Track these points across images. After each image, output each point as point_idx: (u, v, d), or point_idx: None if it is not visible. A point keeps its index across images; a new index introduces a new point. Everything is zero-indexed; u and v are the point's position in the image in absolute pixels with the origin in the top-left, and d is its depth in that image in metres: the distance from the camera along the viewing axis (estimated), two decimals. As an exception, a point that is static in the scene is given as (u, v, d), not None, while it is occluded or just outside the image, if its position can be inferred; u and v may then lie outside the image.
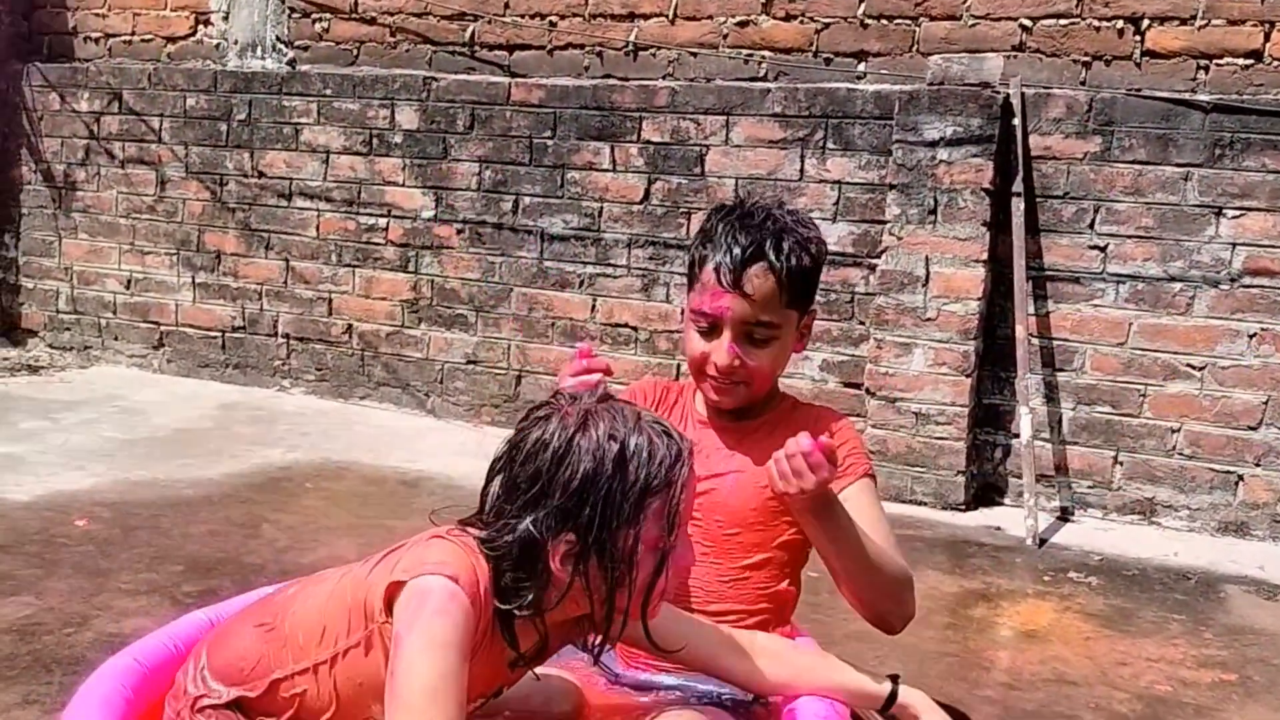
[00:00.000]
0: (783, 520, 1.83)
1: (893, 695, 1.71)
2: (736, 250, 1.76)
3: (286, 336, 5.02)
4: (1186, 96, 3.69)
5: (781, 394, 1.95)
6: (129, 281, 5.33)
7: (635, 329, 4.40)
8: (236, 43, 5.13)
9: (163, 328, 5.28)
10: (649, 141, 4.30)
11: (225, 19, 5.16)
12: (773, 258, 1.76)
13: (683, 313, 1.94)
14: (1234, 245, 3.65)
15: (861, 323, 4.07)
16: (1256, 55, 3.67)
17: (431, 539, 1.44)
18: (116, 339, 5.39)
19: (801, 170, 4.09)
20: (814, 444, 1.63)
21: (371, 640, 1.41)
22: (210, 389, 5.07)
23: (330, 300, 4.92)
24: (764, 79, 4.26)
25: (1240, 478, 3.69)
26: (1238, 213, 3.63)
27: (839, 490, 1.79)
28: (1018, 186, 3.77)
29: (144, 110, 5.19)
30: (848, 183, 4.04)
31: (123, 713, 1.63)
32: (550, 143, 4.46)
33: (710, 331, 1.81)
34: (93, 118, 5.30)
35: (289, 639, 1.48)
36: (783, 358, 1.86)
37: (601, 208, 4.40)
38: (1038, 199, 3.82)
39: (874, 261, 3.99)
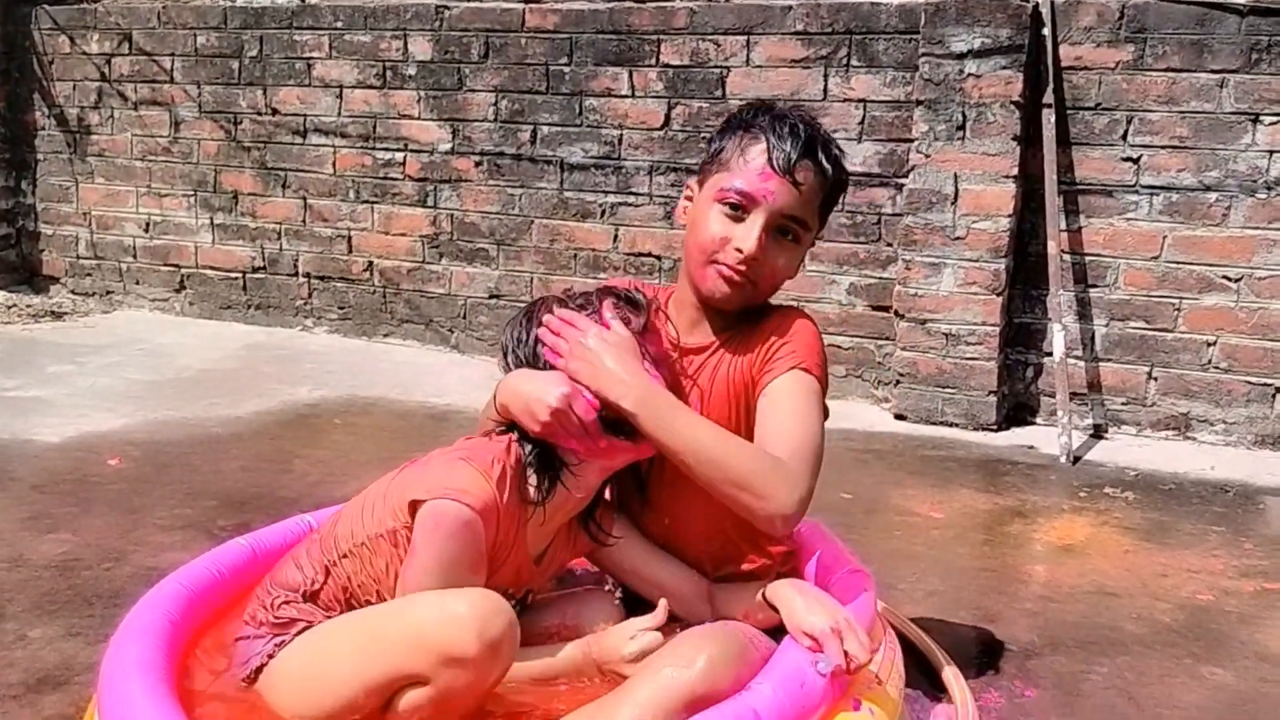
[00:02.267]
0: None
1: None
2: (792, 139, 1.69)
3: (307, 276, 4.99)
4: (1221, 0, 3.58)
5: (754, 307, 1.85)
6: (147, 225, 5.31)
7: (659, 258, 4.35)
8: (245, -22, 5.04)
9: (183, 270, 5.26)
10: (668, 65, 4.22)
11: (232, -46, 5.07)
12: (824, 157, 1.71)
13: (689, 199, 1.82)
14: (1271, 153, 3.56)
15: (889, 244, 4.01)
16: (1295, -46, 3.55)
17: (458, 459, 1.56)
18: (138, 283, 5.38)
19: (825, 89, 4.01)
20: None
21: (396, 536, 1.56)
22: (233, 330, 5.06)
23: (350, 238, 4.89)
24: (784, -4, 4.15)
25: (1277, 390, 3.64)
26: (1275, 119, 3.54)
27: (764, 385, 1.70)
28: (1048, 98, 3.68)
29: (155, 50, 5.12)
30: (873, 101, 3.95)
31: (169, 635, 1.63)
32: (567, 70, 4.38)
33: (739, 216, 1.71)
34: (103, 59, 5.24)
35: (337, 535, 1.63)
36: (793, 270, 1.78)
37: (621, 135, 4.33)
38: (1069, 111, 3.73)
39: (901, 181, 3.92)
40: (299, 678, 1.52)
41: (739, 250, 1.69)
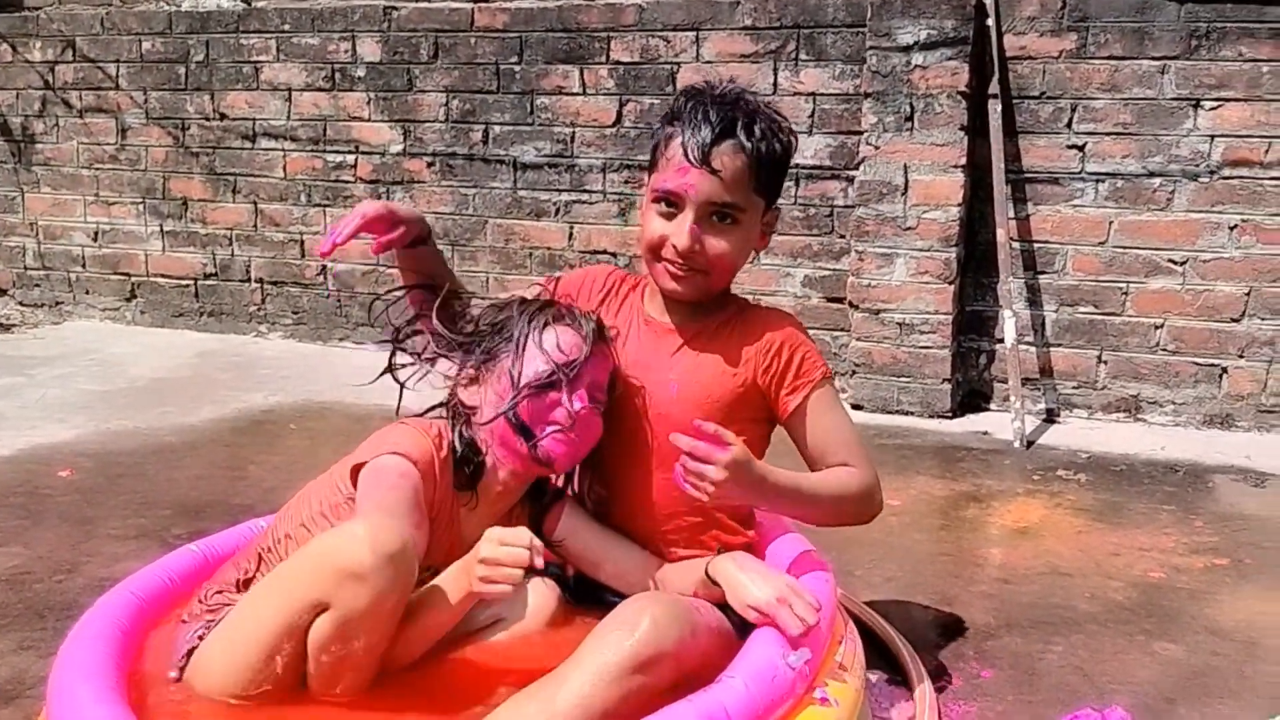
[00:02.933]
0: (734, 424, 1.69)
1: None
2: (706, 127, 1.69)
3: (260, 281, 4.95)
4: (1161, -12, 3.64)
5: (732, 296, 1.89)
6: (96, 233, 5.24)
7: (614, 255, 4.35)
8: (189, -18, 4.99)
9: (134, 279, 5.20)
10: (619, 62, 4.22)
11: (176, -42, 5.01)
12: (743, 137, 1.70)
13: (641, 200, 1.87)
14: (1213, 137, 3.62)
15: (842, 236, 4.04)
16: (1230, -58, 3.61)
17: (397, 424, 1.69)
18: (88, 293, 5.31)
19: (775, 83, 4.03)
20: (692, 439, 1.56)
21: (339, 510, 1.60)
22: (186, 338, 5.00)
23: (302, 242, 4.85)
24: (732, -8, 4.17)
25: (1224, 370, 3.71)
26: (1215, 104, 3.60)
27: (795, 404, 1.78)
28: (994, 89, 3.72)
29: (99, 57, 5.05)
30: (822, 94, 3.98)
31: (120, 642, 1.62)
32: (518, 68, 4.37)
33: (671, 212, 1.73)
34: (47, 67, 5.16)
35: (275, 523, 1.71)
36: (744, 249, 1.79)
37: (573, 133, 4.33)
38: (1014, 100, 3.77)
39: (852, 173, 3.95)
40: (220, 647, 1.52)
41: (675, 246, 1.73)
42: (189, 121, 4.94)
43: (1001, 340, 3.83)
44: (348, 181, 4.71)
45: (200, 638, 1.57)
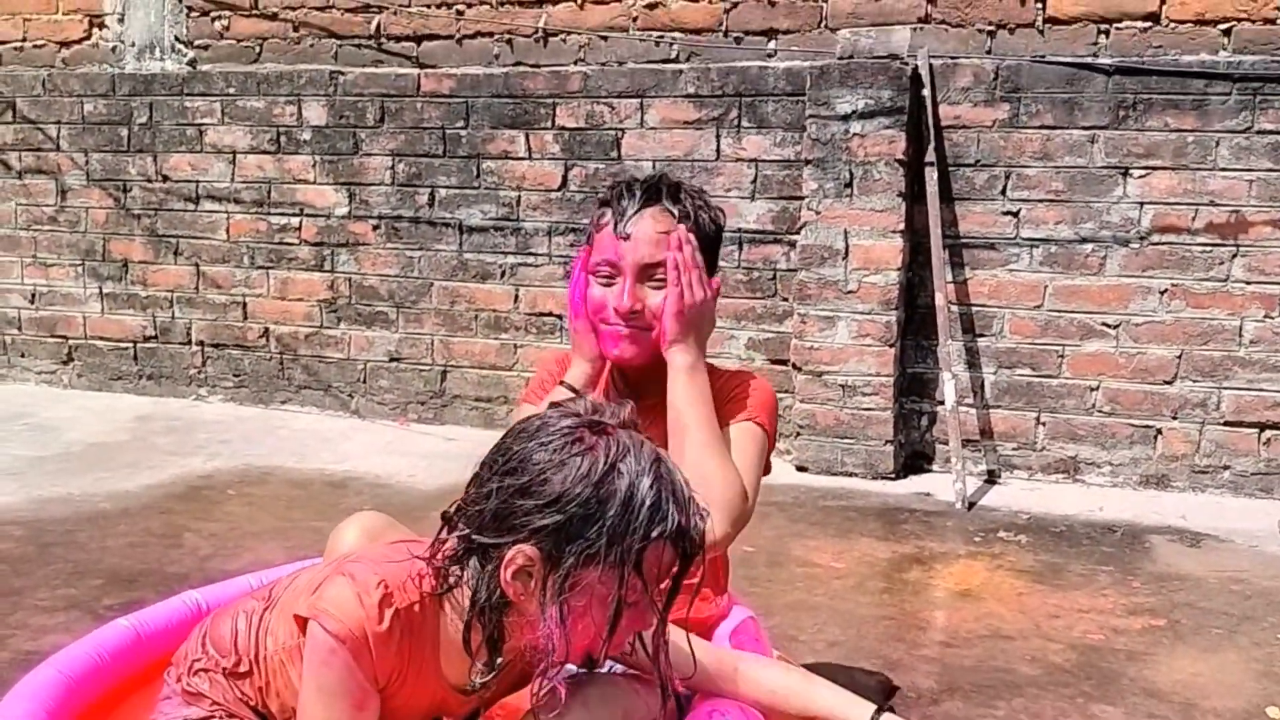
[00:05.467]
0: None
1: None
2: (633, 198, 1.79)
3: (201, 344, 4.89)
4: (1089, 60, 3.77)
5: None
6: (33, 295, 5.15)
7: (559, 317, 4.36)
8: (134, 45, 4.98)
9: (71, 341, 5.11)
10: (564, 128, 4.27)
11: (121, 21, 5.00)
12: (669, 203, 1.80)
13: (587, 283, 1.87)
14: (1142, 204, 3.73)
15: (785, 299, 4.09)
16: (1154, 18, 3.75)
17: (340, 573, 1.39)
18: (23, 355, 5.20)
19: (718, 150, 4.09)
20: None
21: (294, 656, 1.45)
22: (124, 402, 4.92)
23: (245, 304, 4.80)
24: (676, 60, 4.25)
25: (1159, 431, 3.78)
26: (1144, 172, 3.71)
27: (723, 422, 1.79)
28: (930, 156, 3.81)
29: (39, 118, 5.01)
30: (764, 160, 4.05)
31: (42, 724, 1.56)
32: (464, 133, 4.40)
33: (610, 279, 1.80)
34: (-15, 128, 5.10)
35: (269, 628, 1.52)
36: None
37: (519, 196, 4.36)
38: (950, 168, 3.87)
39: (794, 237, 4.01)
40: None
41: (616, 309, 1.78)
42: (130, 183, 4.90)
43: (942, 402, 3.88)
44: (292, 244, 4.69)
45: None
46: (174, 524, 3.31)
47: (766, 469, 1.85)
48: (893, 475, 3.90)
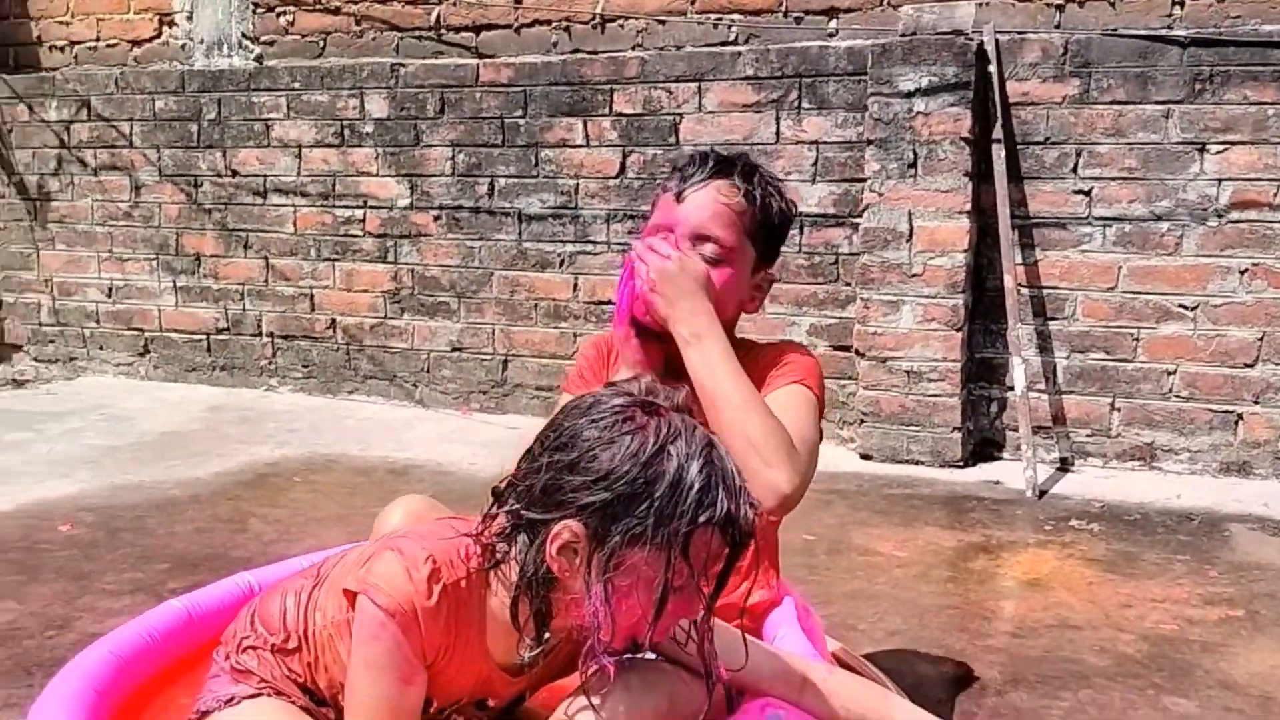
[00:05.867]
0: None
1: None
2: (696, 166, 1.72)
3: (271, 335, 4.97)
4: (1163, 32, 3.63)
5: (741, 341, 1.85)
6: (110, 289, 5.28)
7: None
8: (202, 42, 5.07)
9: (147, 334, 5.23)
10: (621, 114, 4.24)
11: (189, 19, 5.10)
12: (738, 179, 1.72)
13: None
14: (1220, 180, 3.59)
15: (847, 284, 4.01)
16: (1232, -14, 3.60)
17: (389, 547, 1.38)
18: (101, 348, 5.34)
19: (778, 133, 4.03)
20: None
21: (342, 631, 1.45)
22: (198, 393, 5.01)
23: (312, 296, 4.87)
24: (734, 43, 4.19)
25: (1240, 416, 3.64)
26: (1221, 147, 3.57)
27: (766, 393, 1.70)
28: (997, 134, 3.71)
29: (113, 115, 5.13)
30: (825, 142, 3.98)
31: (93, 704, 1.58)
32: (522, 122, 4.40)
33: None
34: (62, 126, 5.24)
35: (318, 604, 1.51)
36: (734, 293, 1.74)
37: (577, 184, 4.35)
38: (1019, 146, 3.76)
39: (856, 220, 3.93)
40: None
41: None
42: (201, 178, 5.00)
43: (1012, 388, 3.78)
44: (356, 236, 4.74)
45: (222, 701, 1.51)
46: (240, 510, 3.36)
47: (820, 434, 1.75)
48: (960, 463, 3.81)
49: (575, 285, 4.41)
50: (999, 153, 3.70)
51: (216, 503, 3.43)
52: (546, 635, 1.36)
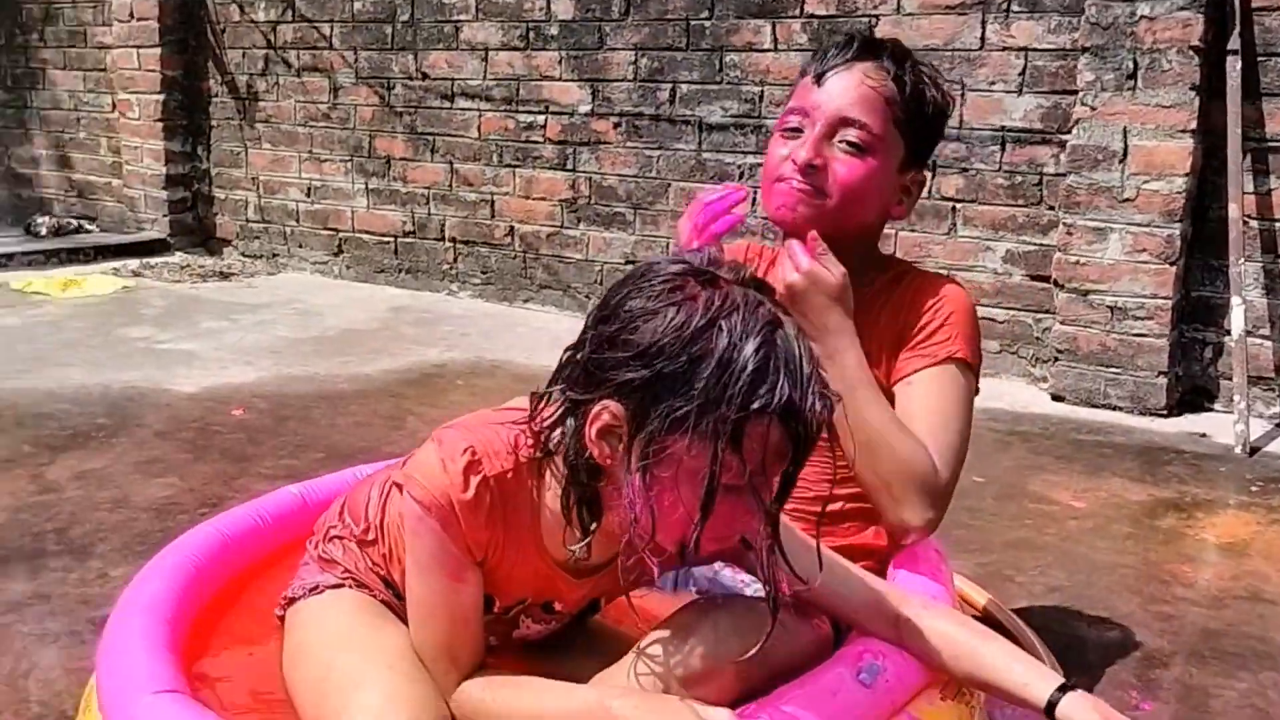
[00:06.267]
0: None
1: (1050, 707, 1.24)
2: (841, 46, 1.55)
3: (453, 240, 5.02)
4: None
5: (888, 259, 1.68)
6: (309, 189, 5.45)
7: (800, 222, 4.13)
8: (401, -57, 5.09)
9: (341, 234, 5.39)
10: (813, 16, 3.98)
11: (390, -80, 5.12)
12: (888, 60, 1.53)
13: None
14: None
15: (1050, 207, 3.67)
16: None
17: (435, 440, 1.28)
18: (300, 246, 5.54)
19: (983, 38, 3.69)
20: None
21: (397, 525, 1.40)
22: (384, 293, 5.14)
23: (493, 202, 4.87)
24: (941, -60, 3.85)
25: None
26: None
27: (911, 371, 1.54)
28: (1234, 44, 3.26)
29: (315, 17, 5.24)
30: (1035, 49, 3.61)
31: (190, 579, 1.59)
32: (708, 24, 4.20)
33: (795, 134, 1.55)
34: (269, 27, 5.40)
35: (392, 496, 1.45)
36: (876, 190, 1.55)
37: (762, 92, 4.13)
38: (1258, 58, 3.29)
39: (1064, 137, 3.57)
40: (289, 654, 1.42)
41: (794, 161, 1.52)
42: (394, 80, 5.05)
43: (1229, 332, 3.38)
44: (537, 142, 4.69)
45: (308, 589, 1.48)
46: (401, 407, 3.40)
47: (975, 390, 1.58)
48: (1164, 411, 3.45)
49: (754, 200, 4.21)
50: (1234, 65, 3.26)
51: (380, 399, 3.49)
52: (594, 528, 1.23)
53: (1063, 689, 1.24)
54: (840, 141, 1.52)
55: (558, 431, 1.22)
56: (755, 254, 1.74)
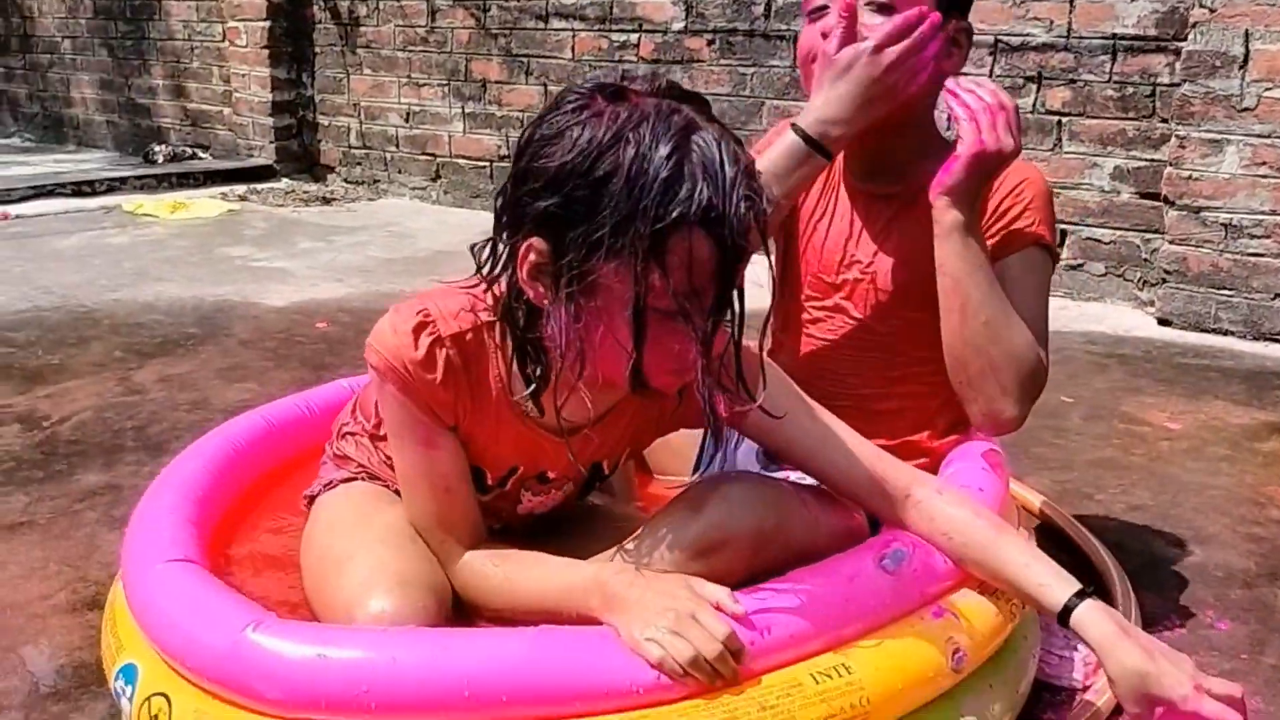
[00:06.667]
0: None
1: (1067, 613, 1.16)
2: None
3: (547, 163, 4.98)
4: None
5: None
6: (408, 115, 5.49)
7: (896, 140, 3.97)
8: None
9: (438, 159, 5.41)
10: (912, -80, 3.79)
11: None
12: None
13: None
14: None
15: (1164, 120, 3.44)
16: None
17: (398, 304, 1.26)
18: (400, 172, 5.59)
19: (1093, -62, 3.46)
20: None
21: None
22: (480, 218, 5.15)
23: (586, 124, 4.81)
24: None
25: None
26: None
27: (998, 256, 1.45)
28: (1377, -68, 2.98)
29: (413, -61, 5.23)
30: (1150, -52, 3.37)
31: (226, 461, 1.61)
32: (803, -67, 4.04)
33: (823, 14, 1.48)
34: (369, -49, 5.42)
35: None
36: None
37: (858, 3, 3.96)
38: (1405, -53, 3.01)
39: (1180, 45, 3.33)
40: (302, 546, 1.42)
41: (825, 33, 1.45)
42: (489, 2, 5.02)
43: (1359, 250, 3.13)
44: (630, 62, 4.61)
45: (324, 486, 1.49)
46: (480, 324, 3.41)
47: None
48: (1279, 336, 3.23)
49: (847, 116, 4.07)
50: (1376, -45, 2.98)
51: (461, 315, 3.50)
52: (538, 373, 1.18)
53: (1080, 594, 1.16)
54: (867, 6, 1.43)
55: (502, 280, 1.17)
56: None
